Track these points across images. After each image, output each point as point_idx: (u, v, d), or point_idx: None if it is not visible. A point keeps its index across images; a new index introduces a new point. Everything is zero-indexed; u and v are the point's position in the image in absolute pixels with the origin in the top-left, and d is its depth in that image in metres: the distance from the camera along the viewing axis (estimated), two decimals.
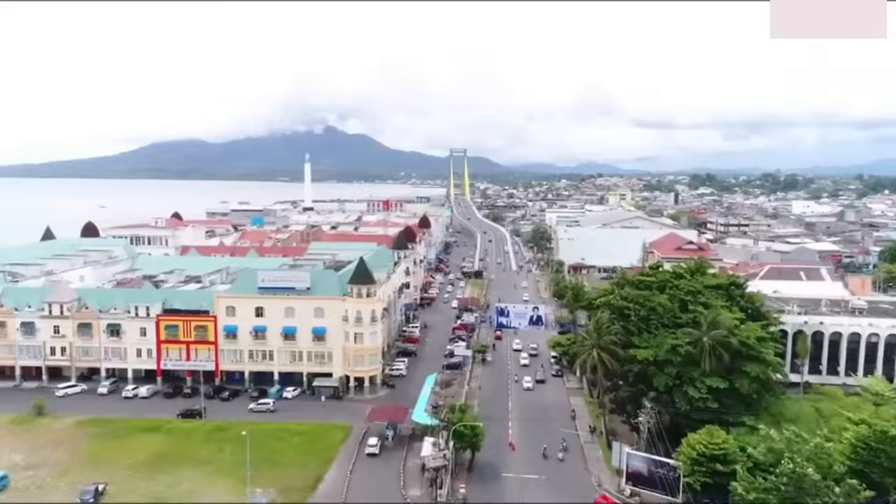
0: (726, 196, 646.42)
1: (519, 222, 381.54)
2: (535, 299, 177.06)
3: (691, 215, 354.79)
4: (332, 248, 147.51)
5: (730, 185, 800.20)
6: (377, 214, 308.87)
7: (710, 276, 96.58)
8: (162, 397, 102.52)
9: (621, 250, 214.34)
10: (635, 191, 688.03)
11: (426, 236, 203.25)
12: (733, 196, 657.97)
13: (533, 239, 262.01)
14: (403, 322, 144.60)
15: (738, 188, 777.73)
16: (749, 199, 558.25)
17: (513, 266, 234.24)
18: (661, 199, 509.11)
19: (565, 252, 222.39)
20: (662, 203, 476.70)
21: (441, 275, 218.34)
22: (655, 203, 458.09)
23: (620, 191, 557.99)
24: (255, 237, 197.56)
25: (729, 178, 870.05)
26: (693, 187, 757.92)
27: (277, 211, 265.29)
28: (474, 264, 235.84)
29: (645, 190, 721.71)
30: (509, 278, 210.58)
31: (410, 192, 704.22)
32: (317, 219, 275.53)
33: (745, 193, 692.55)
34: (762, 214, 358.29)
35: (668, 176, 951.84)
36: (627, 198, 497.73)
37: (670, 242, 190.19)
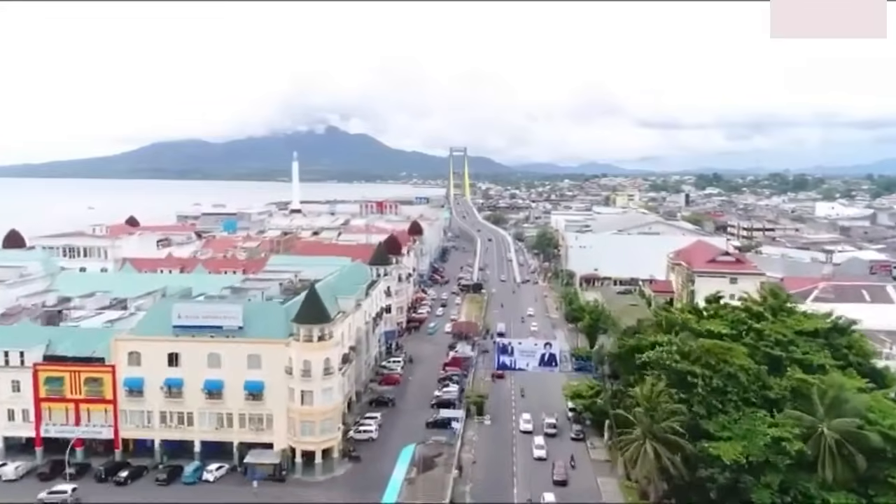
0: (735, 196, 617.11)
1: (522, 225, 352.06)
2: (542, 322, 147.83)
3: (708, 218, 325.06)
4: (296, 264, 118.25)
5: (737, 186, 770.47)
6: (369, 217, 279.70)
7: (801, 316, 67.13)
8: (36, 478, 73.33)
9: (640, 260, 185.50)
10: (641, 191, 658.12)
11: (417, 245, 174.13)
12: (742, 196, 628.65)
13: (538, 245, 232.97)
14: (383, 355, 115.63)
15: (746, 188, 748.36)
16: (761, 199, 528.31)
17: (516, 277, 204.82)
18: (670, 201, 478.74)
19: (576, 261, 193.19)
20: (673, 204, 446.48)
21: (436, 287, 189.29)
22: (666, 205, 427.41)
23: (628, 192, 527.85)
24: (219, 246, 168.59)
25: (736, 178, 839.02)
26: (700, 187, 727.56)
27: (252, 215, 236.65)
28: (473, 275, 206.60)
29: (651, 190, 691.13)
30: (513, 294, 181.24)
31: (411, 193, 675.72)
32: (301, 222, 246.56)
33: (754, 193, 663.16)
34: (783, 217, 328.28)
35: (673, 176, 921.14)
36: (636, 199, 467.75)
37: (700, 253, 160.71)
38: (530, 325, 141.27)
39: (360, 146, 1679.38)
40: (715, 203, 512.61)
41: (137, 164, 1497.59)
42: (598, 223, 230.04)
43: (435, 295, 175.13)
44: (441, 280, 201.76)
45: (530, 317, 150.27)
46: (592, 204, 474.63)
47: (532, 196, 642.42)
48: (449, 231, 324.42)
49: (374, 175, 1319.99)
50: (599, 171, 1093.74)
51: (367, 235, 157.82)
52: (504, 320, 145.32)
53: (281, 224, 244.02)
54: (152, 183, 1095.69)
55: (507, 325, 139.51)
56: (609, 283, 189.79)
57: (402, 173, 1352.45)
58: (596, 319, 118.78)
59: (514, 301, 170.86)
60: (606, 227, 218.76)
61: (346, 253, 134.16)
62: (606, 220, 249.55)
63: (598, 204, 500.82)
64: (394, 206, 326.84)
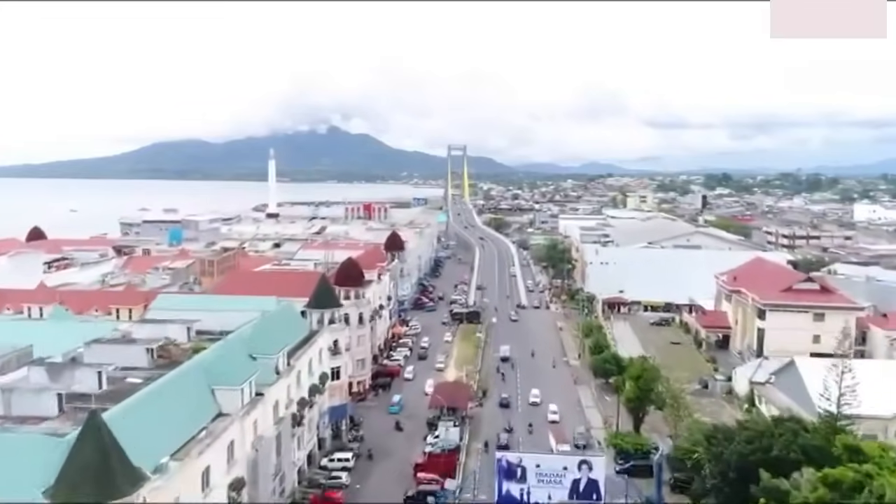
0: (747, 196, 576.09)
1: (526, 230, 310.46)
2: (558, 377, 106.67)
3: (735, 222, 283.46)
4: (195, 307, 76.95)
5: (748, 186, 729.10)
6: (352, 224, 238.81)
7: None
8: None
9: (678, 280, 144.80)
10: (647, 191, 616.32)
11: (396, 265, 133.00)
12: (754, 197, 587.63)
13: (548, 257, 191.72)
14: (326, 446, 74.77)
15: (758, 188, 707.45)
16: (781, 200, 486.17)
17: (522, 299, 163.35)
18: (685, 202, 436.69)
19: (597, 281, 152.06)
20: (689, 206, 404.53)
21: (423, 313, 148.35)
22: (683, 207, 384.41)
23: (639, 193, 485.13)
24: (142, 266, 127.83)
25: (746, 178, 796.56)
26: (709, 188, 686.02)
27: (201, 223, 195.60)
28: (469, 295, 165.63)
29: (658, 191, 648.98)
30: (518, 323, 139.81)
31: (410, 193, 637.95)
32: (269, 230, 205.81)
33: (766, 194, 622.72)
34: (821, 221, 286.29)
35: (680, 176, 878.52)
36: (648, 200, 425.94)
37: (767, 277, 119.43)
38: (548, 412, 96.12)
39: (361, 146, 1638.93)
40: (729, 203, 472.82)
41: (137, 164, 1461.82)
42: (617, 231, 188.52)
43: (420, 326, 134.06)
44: (430, 302, 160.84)
45: (554, 406, 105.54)
46: (601, 206, 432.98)
47: (535, 197, 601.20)
48: (444, 238, 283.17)
49: (374, 175, 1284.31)
50: (601, 171, 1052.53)
51: (327, 253, 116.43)
52: (509, 378, 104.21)
53: (245, 232, 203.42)
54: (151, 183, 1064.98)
55: (513, 390, 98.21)
56: (638, 309, 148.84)
57: (402, 173, 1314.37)
58: (646, 391, 77.43)
59: (520, 336, 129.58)
60: (629, 237, 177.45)
61: (293, 284, 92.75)
62: (626, 227, 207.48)
63: (606, 205, 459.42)
64: (382, 209, 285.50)
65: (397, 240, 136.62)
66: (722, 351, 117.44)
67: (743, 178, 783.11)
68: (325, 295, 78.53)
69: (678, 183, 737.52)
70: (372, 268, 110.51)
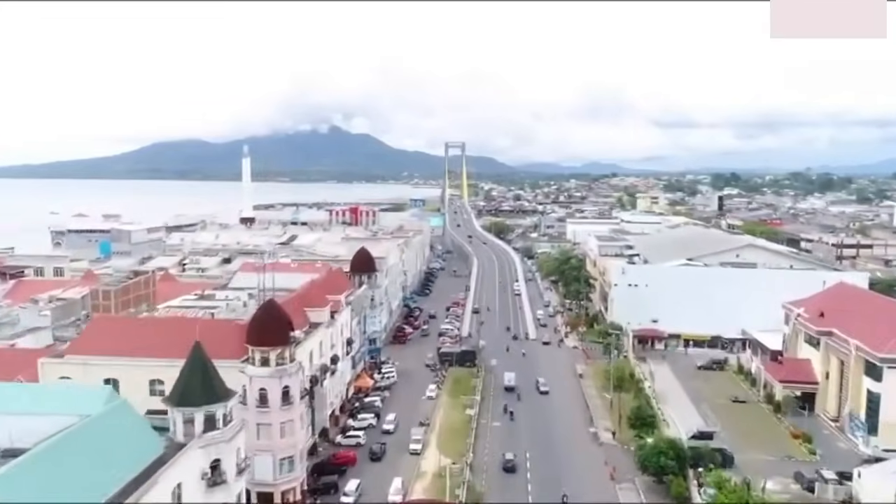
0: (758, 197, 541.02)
1: (530, 235, 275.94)
2: (591, 461, 72.70)
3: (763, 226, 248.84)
4: None
5: (757, 186, 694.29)
6: (333, 230, 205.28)
7: None
8: None
9: (728, 308, 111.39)
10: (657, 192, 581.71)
11: (363, 292, 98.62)
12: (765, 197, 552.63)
13: (559, 272, 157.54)
14: None
15: (767, 188, 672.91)
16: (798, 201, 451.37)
17: (529, 330, 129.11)
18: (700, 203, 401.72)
19: (624, 307, 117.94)
20: (704, 208, 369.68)
21: (402, 350, 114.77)
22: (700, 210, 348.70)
23: (650, 193, 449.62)
24: (25, 293, 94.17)
25: (754, 178, 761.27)
26: (717, 187, 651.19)
27: (135, 233, 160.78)
28: (462, 323, 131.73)
29: (665, 191, 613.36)
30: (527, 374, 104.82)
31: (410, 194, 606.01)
32: (229, 239, 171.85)
33: (776, 194, 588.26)
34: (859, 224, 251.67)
35: (686, 175, 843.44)
36: (660, 201, 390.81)
37: (862, 309, 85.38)
38: (563, 475, 64.40)
39: (361, 146, 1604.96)
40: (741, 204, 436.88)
41: (137, 164, 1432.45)
42: (642, 243, 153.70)
43: (396, 372, 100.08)
44: (413, 331, 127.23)
45: None
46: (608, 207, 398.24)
47: (538, 198, 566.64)
48: (440, 245, 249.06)
49: (375, 175, 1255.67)
50: (603, 171, 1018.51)
51: (262, 276, 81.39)
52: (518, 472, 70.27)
53: (202, 241, 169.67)
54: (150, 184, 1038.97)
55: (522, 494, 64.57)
56: (677, 344, 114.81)
57: (403, 173, 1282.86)
58: None
59: (530, 390, 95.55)
60: (657, 250, 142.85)
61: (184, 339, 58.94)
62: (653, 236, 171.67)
63: (614, 206, 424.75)
64: (370, 213, 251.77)
65: (367, 259, 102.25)
66: (801, 415, 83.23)
67: (751, 178, 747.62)
68: (199, 380, 44.38)
69: (685, 183, 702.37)
70: (320, 304, 76.74)
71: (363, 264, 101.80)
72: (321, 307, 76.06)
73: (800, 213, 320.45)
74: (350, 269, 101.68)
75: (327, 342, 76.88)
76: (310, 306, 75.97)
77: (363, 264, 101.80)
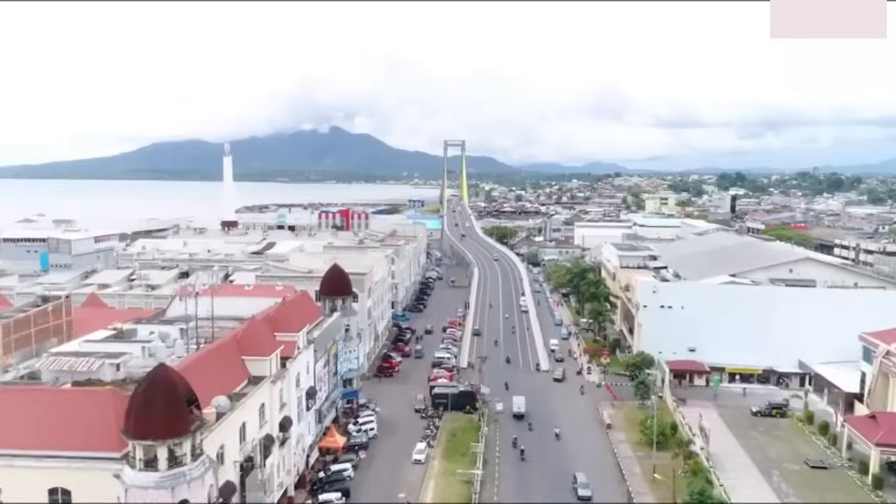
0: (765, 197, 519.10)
1: (535, 239, 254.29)
2: None
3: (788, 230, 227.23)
4: None
5: (763, 186, 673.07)
6: (319, 235, 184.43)
7: None
8: None
9: (783, 335, 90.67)
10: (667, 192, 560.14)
11: (334, 321, 76.95)
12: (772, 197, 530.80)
13: (571, 285, 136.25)
14: None
15: (774, 188, 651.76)
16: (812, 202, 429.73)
17: (540, 359, 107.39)
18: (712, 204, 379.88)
19: (656, 333, 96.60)
20: (715, 209, 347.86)
21: (387, 386, 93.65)
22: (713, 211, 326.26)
23: (660, 194, 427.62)
24: None
25: (760, 178, 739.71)
26: (722, 187, 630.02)
27: (74, 242, 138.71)
28: (461, 349, 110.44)
29: (671, 191, 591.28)
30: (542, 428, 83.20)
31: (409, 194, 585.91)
32: (197, 248, 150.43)
33: (784, 194, 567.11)
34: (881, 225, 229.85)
35: (691, 175, 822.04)
36: (670, 202, 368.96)
37: None
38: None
39: (362, 146, 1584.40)
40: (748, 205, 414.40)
41: (136, 164, 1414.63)
42: (668, 254, 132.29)
43: (377, 421, 78.95)
44: (402, 358, 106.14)
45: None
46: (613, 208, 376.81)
47: (540, 198, 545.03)
48: (438, 252, 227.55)
49: (375, 175, 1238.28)
50: (605, 171, 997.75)
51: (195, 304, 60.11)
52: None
53: (168, 250, 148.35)
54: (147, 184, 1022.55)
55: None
56: (720, 379, 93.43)
57: (403, 173, 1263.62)
58: None
59: (545, 450, 74.27)
60: (688, 262, 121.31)
61: None
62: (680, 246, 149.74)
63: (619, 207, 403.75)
64: (362, 216, 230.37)
65: (340, 280, 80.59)
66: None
67: (757, 178, 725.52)
68: None
69: (690, 183, 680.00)
70: (262, 352, 55.35)
71: (336, 286, 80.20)
72: (263, 356, 54.61)
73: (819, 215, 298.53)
74: (322, 292, 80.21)
75: (275, 402, 55.57)
76: (251, 353, 54.64)
77: (336, 286, 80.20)
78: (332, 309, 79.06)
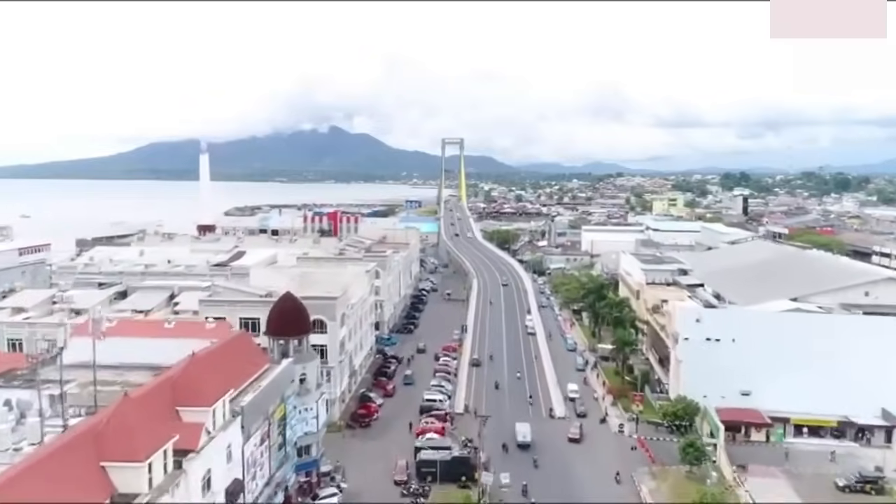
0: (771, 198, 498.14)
1: (538, 244, 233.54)
2: None
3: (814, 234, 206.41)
4: None
5: (768, 186, 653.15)
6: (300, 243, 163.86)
7: None
8: None
9: (862, 377, 69.99)
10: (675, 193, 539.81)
11: (285, 371, 56.53)
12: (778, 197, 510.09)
13: (586, 302, 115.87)
14: None
15: (779, 188, 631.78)
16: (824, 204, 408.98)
17: (553, 404, 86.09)
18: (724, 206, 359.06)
19: (700, 373, 76.14)
20: (726, 211, 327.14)
21: (361, 441, 73.19)
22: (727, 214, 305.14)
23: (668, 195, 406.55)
24: None
25: (765, 178, 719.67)
26: (727, 187, 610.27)
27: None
28: (456, 390, 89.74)
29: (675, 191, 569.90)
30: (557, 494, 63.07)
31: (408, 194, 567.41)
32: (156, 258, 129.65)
33: (790, 195, 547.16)
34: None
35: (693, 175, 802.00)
36: (679, 203, 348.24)
37: None
38: None
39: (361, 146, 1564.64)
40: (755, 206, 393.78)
41: (134, 164, 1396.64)
42: (700, 268, 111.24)
43: (341, 501, 58.51)
44: (383, 401, 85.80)
45: None
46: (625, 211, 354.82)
47: (541, 199, 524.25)
48: (434, 258, 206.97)
49: (374, 175, 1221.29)
50: (606, 171, 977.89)
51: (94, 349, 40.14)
52: None
53: (124, 260, 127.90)
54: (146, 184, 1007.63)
55: None
56: (783, 433, 73.04)
57: (402, 173, 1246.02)
58: None
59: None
60: (723, 277, 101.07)
61: None
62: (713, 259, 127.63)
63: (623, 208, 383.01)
64: (353, 219, 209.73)
65: (292, 315, 59.70)
66: None
67: (762, 178, 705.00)
68: None
69: (693, 183, 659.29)
70: (139, 451, 34.70)
71: (287, 323, 59.52)
72: (136, 461, 33.96)
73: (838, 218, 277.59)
74: (270, 332, 59.63)
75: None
76: (117, 457, 34.06)
77: (287, 323, 59.52)
78: (282, 353, 58.55)
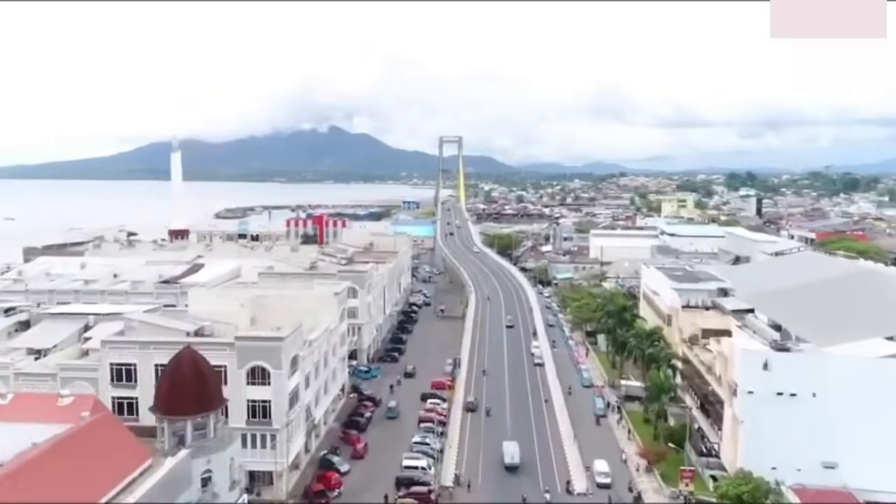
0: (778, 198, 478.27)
1: (542, 250, 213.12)
2: None
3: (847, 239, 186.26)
4: None
5: (774, 186, 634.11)
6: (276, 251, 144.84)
7: None
8: None
9: None
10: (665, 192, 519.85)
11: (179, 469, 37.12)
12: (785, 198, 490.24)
13: (606, 327, 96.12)
14: None
15: (785, 188, 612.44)
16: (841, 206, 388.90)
17: (572, 477, 65.17)
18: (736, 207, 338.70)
19: (771, 439, 56.23)
20: (739, 212, 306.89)
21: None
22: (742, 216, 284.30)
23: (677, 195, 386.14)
24: None
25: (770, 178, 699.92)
26: (732, 187, 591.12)
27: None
28: (446, 452, 69.50)
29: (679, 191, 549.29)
30: None
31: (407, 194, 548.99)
32: (99, 269, 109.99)
33: (796, 195, 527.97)
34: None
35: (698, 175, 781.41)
36: (689, 204, 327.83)
37: None
38: None
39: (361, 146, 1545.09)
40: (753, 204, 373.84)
41: (134, 164, 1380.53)
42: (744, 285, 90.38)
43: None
44: (354, 457, 66.14)
45: None
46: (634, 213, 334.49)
47: (543, 199, 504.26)
48: (428, 266, 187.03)
49: (374, 175, 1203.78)
50: (607, 171, 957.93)
51: None
52: None
53: (66, 274, 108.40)
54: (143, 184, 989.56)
55: None
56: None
57: (402, 173, 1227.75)
58: None
59: None
60: (773, 302, 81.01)
61: None
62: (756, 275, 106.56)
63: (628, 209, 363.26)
64: (339, 223, 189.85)
65: (194, 385, 39.67)
66: None
67: (767, 178, 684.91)
68: None
69: (698, 183, 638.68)
70: None
71: (181, 396, 39.27)
72: None
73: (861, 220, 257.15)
74: (153, 409, 39.60)
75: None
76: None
77: (181, 396, 39.27)
78: (177, 441, 38.61)
